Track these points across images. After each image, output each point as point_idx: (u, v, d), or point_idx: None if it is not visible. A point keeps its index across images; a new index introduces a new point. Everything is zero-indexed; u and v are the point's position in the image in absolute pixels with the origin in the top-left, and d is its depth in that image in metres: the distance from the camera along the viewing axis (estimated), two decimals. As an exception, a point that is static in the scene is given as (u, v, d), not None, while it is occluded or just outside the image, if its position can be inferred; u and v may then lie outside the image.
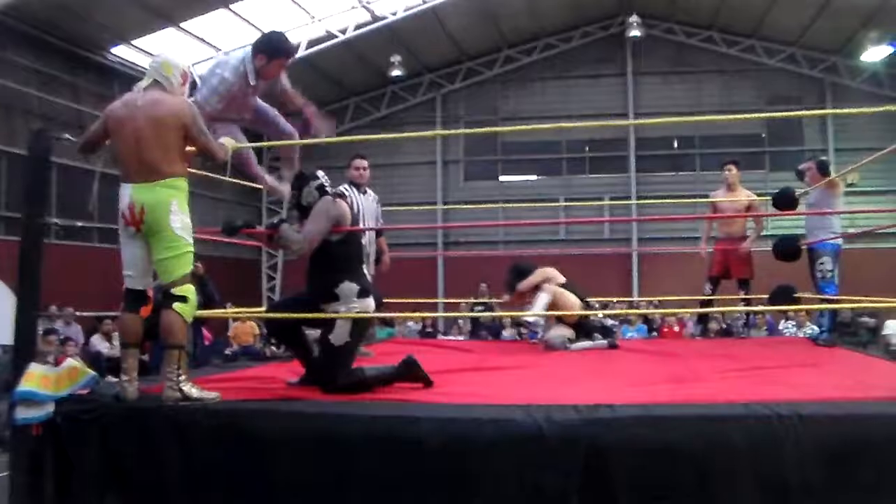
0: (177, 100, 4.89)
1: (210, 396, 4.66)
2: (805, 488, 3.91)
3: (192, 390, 4.62)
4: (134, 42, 18.54)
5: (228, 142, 5.30)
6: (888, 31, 20.36)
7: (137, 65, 18.87)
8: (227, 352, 14.63)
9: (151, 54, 18.34)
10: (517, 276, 8.62)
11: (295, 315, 5.25)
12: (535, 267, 8.71)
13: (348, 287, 5.18)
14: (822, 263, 8.08)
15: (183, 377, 4.64)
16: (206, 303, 8.34)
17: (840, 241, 8.25)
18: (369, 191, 8.04)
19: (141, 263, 4.84)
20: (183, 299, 4.68)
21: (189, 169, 4.99)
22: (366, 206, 7.87)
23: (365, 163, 8.06)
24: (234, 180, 8.45)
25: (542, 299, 8.21)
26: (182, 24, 18.19)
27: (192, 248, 4.81)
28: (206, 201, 19.67)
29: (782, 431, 3.94)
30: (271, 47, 6.13)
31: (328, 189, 5.41)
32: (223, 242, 10.00)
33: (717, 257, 9.71)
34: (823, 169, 8.28)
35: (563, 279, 8.65)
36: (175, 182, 4.72)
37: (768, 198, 9.18)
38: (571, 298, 8.40)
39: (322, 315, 5.12)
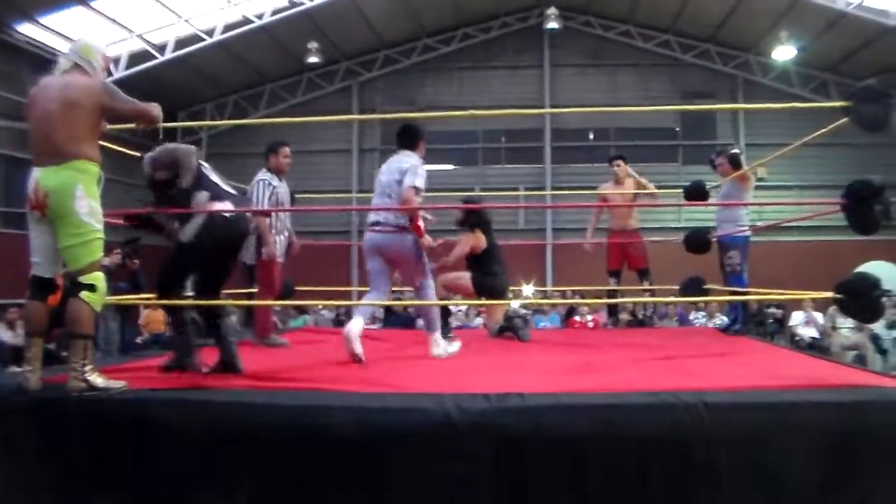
0: (90, 79, 4.75)
1: (116, 386, 4.52)
2: (711, 474, 3.98)
3: (98, 380, 4.48)
4: (40, 20, 17.97)
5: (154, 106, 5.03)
6: (796, 31, 20.85)
7: (45, 44, 18.41)
8: (139, 340, 14.33)
9: (59, 33, 18.04)
10: (475, 218, 8.29)
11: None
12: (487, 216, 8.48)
13: (201, 195, 5.34)
14: (730, 257, 8.20)
15: (89, 367, 4.50)
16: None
17: (749, 233, 8.38)
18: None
19: (48, 250, 4.66)
20: (91, 287, 4.53)
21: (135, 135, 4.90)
22: (286, 194, 7.79)
23: (289, 150, 7.92)
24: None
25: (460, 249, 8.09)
26: (92, 3, 17.72)
27: (101, 235, 4.64)
28: (119, 186, 19.27)
29: (688, 419, 3.99)
30: None
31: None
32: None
33: (612, 250, 9.85)
34: (735, 162, 8.40)
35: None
36: (82, 165, 4.54)
37: (680, 190, 9.34)
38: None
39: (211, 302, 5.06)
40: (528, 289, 8.60)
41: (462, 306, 13.93)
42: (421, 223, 6.66)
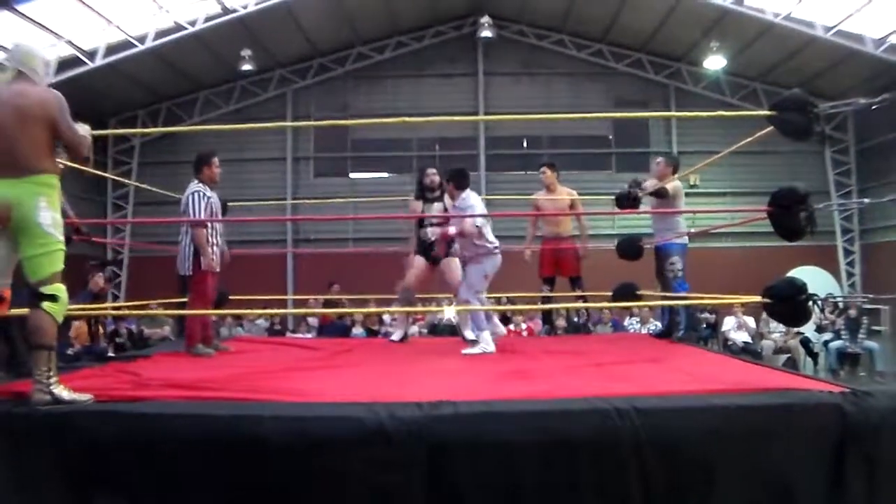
0: (44, 91, 4.70)
1: (82, 399, 4.45)
2: (643, 478, 4.02)
3: (63, 392, 4.42)
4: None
5: (85, 129, 4.93)
6: (726, 41, 21.20)
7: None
8: (70, 352, 14.06)
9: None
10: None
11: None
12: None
13: None
14: (672, 263, 8.28)
15: (54, 379, 4.44)
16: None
17: (686, 239, 8.48)
18: None
19: (2, 261, 4.63)
20: (53, 298, 4.50)
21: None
22: (218, 204, 7.76)
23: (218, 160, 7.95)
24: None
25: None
26: (18, 6, 17.28)
27: (62, 246, 4.62)
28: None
29: (620, 424, 4.02)
30: None
31: None
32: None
33: (546, 257, 9.93)
34: (674, 162, 8.55)
35: None
36: (44, 179, 4.55)
37: (612, 197, 9.42)
38: None
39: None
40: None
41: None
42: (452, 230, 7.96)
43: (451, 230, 7.94)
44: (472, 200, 7.84)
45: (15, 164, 4.45)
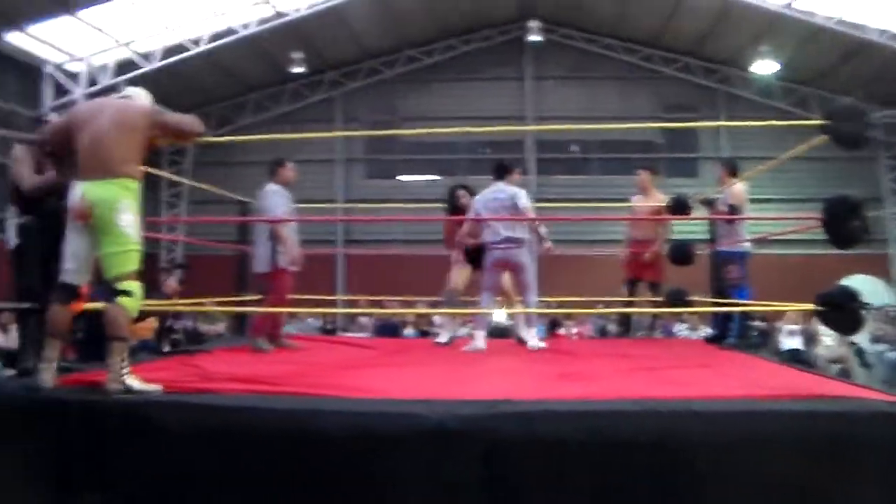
0: (142, 104, 5.21)
1: (152, 389, 4.63)
2: (693, 480, 4.07)
3: (135, 383, 4.61)
4: (28, 29, 17.98)
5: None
6: (777, 45, 21.05)
7: (32, 52, 18.43)
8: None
9: (45, 42, 18.04)
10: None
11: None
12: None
13: None
14: (728, 271, 8.22)
15: (126, 370, 4.63)
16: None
17: (748, 245, 8.40)
18: None
19: (82, 258, 4.89)
20: (127, 293, 4.73)
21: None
22: (292, 204, 7.97)
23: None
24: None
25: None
26: (78, 13, 17.73)
27: (138, 247, 4.87)
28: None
29: (672, 427, 4.10)
30: None
31: None
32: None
33: (630, 260, 9.86)
34: (732, 168, 8.51)
35: None
36: (126, 182, 4.82)
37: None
38: None
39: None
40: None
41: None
42: (543, 228, 8.14)
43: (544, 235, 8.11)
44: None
45: (105, 167, 4.74)
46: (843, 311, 5.65)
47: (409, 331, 14.89)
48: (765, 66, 22.06)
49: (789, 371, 6.64)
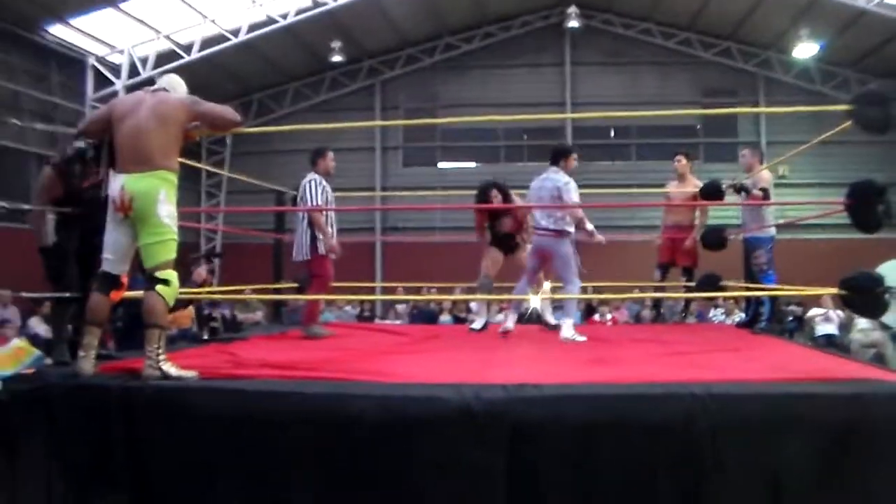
0: (180, 96, 5.31)
1: (188, 375, 4.78)
2: (717, 463, 4.13)
3: (172, 369, 4.76)
4: (71, 21, 18.28)
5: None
6: (817, 28, 20.85)
7: (75, 45, 18.70)
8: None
9: (88, 34, 18.31)
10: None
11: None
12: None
13: None
14: (756, 257, 8.25)
15: (163, 356, 4.79)
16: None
17: (773, 231, 8.44)
18: None
19: (122, 248, 5.05)
20: (165, 282, 4.88)
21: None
22: (331, 193, 8.11)
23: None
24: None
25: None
26: (120, 4, 17.99)
27: (176, 237, 5.01)
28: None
29: (696, 410, 4.15)
30: None
31: None
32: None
33: (664, 245, 9.89)
34: (758, 151, 8.57)
35: None
36: (166, 174, 4.97)
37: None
38: None
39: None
40: (546, 284, 8.82)
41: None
42: (589, 226, 7.92)
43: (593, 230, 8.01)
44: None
45: (145, 160, 4.90)
46: (866, 296, 5.70)
47: (445, 317, 15.02)
48: (805, 50, 21.82)
49: (818, 355, 6.67)
